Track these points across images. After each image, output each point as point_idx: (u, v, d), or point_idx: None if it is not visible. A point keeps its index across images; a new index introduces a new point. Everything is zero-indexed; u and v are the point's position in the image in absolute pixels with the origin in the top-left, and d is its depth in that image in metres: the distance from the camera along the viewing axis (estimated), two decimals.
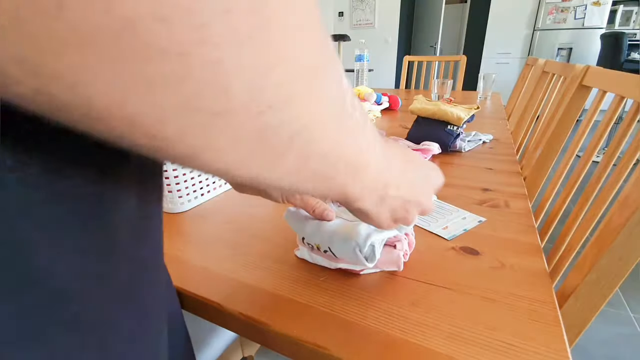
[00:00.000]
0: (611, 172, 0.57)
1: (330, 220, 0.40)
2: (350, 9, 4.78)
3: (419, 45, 5.37)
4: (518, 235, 0.49)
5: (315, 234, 0.39)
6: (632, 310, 1.27)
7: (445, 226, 0.51)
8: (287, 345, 0.33)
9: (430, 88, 2.04)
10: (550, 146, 0.87)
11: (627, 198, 0.44)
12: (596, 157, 2.48)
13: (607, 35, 3.12)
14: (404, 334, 0.32)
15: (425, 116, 0.92)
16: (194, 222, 0.55)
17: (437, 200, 0.59)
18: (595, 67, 0.78)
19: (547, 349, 0.30)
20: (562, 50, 4.28)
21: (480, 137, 0.99)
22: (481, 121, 1.24)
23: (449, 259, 0.43)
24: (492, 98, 1.78)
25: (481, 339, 0.31)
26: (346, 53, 4.34)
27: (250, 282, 0.40)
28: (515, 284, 0.38)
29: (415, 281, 0.39)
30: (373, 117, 1.32)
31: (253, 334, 0.35)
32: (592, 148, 0.67)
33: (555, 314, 0.34)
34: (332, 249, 0.38)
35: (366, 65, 1.96)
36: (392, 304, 0.36)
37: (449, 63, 4.95)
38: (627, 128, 0.58)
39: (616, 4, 4.14)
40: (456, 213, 0.54)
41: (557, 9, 4.17)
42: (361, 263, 0.36)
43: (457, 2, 5.65)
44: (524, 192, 0.63)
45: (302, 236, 0.41)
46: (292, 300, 0.37)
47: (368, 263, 0.36)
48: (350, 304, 0.36)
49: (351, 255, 0.36)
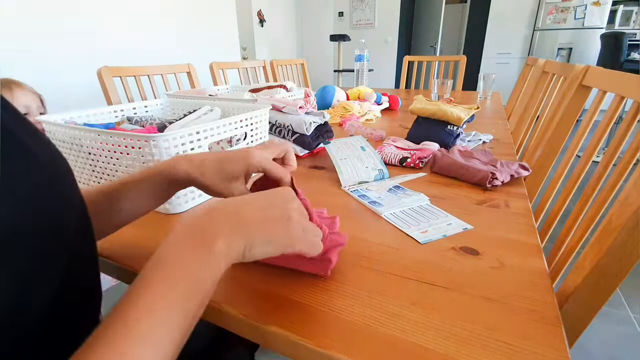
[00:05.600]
0: (611, 172, 0.57)
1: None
2: (350, 9, 4.78)
3: (419, 45, 5.37)
4: (518, 235, 0.49)
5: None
6: (632, 310, 1.27)
7: (426, 230, 0.50)
8: (287, 345, 0.33)
9: (430, 88, 2.04)
10: (550, 146, 0.87)
11: (627, 198, 0.44)
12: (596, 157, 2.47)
13: (607, 35, 3.12)
14: (404, 334, 0.32)
15: (425, 116, 0.92)
16: None
17: (430, 204, 0.59)
18: (595, 67, 0.78)
19: (547, 349, 0.30)
20: (562, 50, 4.28)
21: (480, 137, 0.99)
22: (481, 121, 1.24)
23: (449, 259, 0.43)
24: (492, 98, 1.78)
25: (481, 339, 0.31)
26: (346, 53, 4.34)
27: (250, 282, 0.40)
28: (515, 284, 0.38)
29: (415, 281, 0.39)
30: (373, 117, 1.32)
31: (253, 334, 0.35)
32: (592, 148, 0.67)
33: (555, 314, 0.34)
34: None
35: (366, 65, 1.96)
36: (392, 304, 0.36)
37: (449, 63, 4.95)
38: (627, 128, 0.58)
39: (616, 4, 4.13)
40: (443, 218, 0.54)
41: (557, 9, 4.17)
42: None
43: (457, 2, 5.65)
44: (524, 192, 0.63)
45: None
46: (292, 300, 0.37)
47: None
48: (350, 303, 0.36)
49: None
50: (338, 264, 0.42)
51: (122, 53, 2.05)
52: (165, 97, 0.98)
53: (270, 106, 0.78)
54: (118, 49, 2.03)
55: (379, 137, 1.01)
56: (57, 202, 0.25)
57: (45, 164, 0.25)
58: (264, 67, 2.03)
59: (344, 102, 1.34)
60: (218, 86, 1.32)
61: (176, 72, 1.49)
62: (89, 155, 0.58)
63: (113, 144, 0.54)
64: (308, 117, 0.85)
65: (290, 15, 4.84)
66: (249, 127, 0.69)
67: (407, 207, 0.57)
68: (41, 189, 0.24)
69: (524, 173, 0.68)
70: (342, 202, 0.61)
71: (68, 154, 0.62)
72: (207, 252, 0.27)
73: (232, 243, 0.28)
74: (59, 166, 0.27)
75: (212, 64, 1.68)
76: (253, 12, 3.99)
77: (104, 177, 0.60)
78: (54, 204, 0.25)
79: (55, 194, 0.25)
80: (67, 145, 0.60)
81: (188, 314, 0.25)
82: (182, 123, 0.71)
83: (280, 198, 0.34)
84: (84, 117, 0.70)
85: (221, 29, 2.86)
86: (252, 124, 0.69)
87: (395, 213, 0.56)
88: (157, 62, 1.53)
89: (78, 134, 0.57)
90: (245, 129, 0.68)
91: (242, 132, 0.67)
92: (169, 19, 2.34)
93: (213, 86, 1.33)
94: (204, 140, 0.58)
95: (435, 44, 4.81)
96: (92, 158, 0.59)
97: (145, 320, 0.22)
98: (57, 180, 0.26)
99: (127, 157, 0.54)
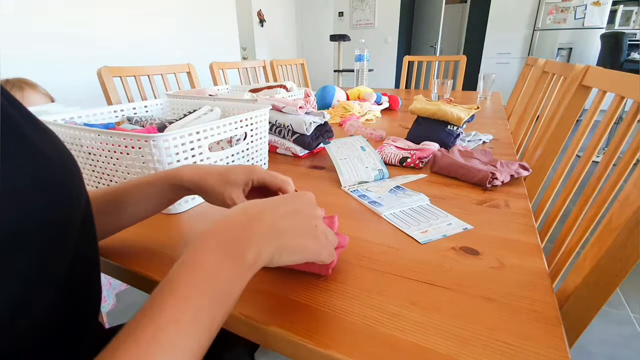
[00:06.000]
0: (611, 172, 0.57)
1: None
2: (350, 9, 4.78)
3: (419, 45, 5.37)
4: (518, 235, 0.49)
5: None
6: (632, 310, 1.27)
7: (426, 230, 0.50)
8: (287, 345, 0.33)
9: (430, 88, 2.04)
10: (550, 146, 0.87)
11: (627, 198, 0.44)
12: (596, 157, 2.47)
13: (607, 35, 3.12)
14: (404, 334, 0.32)
15: (425, 116, 0.92)
16: (192, 223, 0.55)
17: (430, 204, 0.59)
18: (595, 67, 0.78)
19: (547, 349, 0.30)
20: (562, 50, 4.28)
21: (480, 137, 0.99)
22: (481, 121, 1.24)
23: (449, 259, 0.43)
24: (492, 98, 1.78)
25: (481, 339, 0.31)
26: (346, 53, 4.33)
27: (250, 282, 0.40)
28: (515, 284, 0.38)
29: (415, 281, 0.39)
30: (373, 116, 1.32)
31: (253, 334, 0.35)
32: (592, 148, 0.67)
33: (555, 314, 0.34)
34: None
35: (366, 65, 1.96)
36: (392, 304, 0.36)
37: (449, 63, 4.96)
38: (627, 128, 0.58)
39: (616, 4, 4.13)
40: (443, 218, 0.54)
41: (557, 9, 4.17)
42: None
43: (457, 2, 5.65)
44: (524, 192, 0.63)
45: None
46: (292, 300, 0.37)
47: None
48: (350, 303, 0.36)
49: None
50: (338, 264, 0.42)
51: (122, 53, 2.05)
52: (165, 97, 0.98)
53: (270, 106, 0.78)
54: (118, 49, 2.03)
55: (379, 137, 1.00)
56: (64, 201, 0.25)
57: (54, 163, 0.25)
58: (264, 67, 2.03)
59: (344, 102, 1.34)
60: (218, 86, 1.32)
61: (176, 72, 1.49)
62: (89, 155, 0.58)
63: (113, 144, 0.54)
64: (308, 117, 0.84)
65: (290, 16, 4.84)
66: (249, 127, 0.69)
67: (407, 207, 0.57)
68: (49, 189, 0.24)
69: (524, 173, 0.68)
70: (342, 202, 0.61)
71: None
72: (239, 263, 0.27)
73: (263, 252, 0.28)
74: (67, 166, 0.27)
75: (212, 64, 1.68)
76: (253, 12, 3.99)
77: (104, 177, 0.60)
78: (61, 203, 0.25)
79: (62, 194, 0.25)
80: (67, 145, 0.60)
81: (214, 323, 0.24)
82: (182, 123, 0.71)
83: (306, 204, 0.33)
84: (84, 117, 0.70)
85: (221, 29, 2.86)
86: (252, 124, 0.69)
87: (395, 213, 0.56)
88: (157, 62, 1.53)
89: (78, 134, 0.57)
90: (245, 129, 0.68)
91: (242, 132, 0.67)
92: (169, 19, 2.34)
93: (213, 86, 1.33)
94: (204, 140, 0.58)
95: (435, 44, 4.81)
96: (92, 158, 0.59)
97: (173, 329, 0.22)
98: (65, 180, 0.26)
99: (127, 157, 0.54)
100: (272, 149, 0.89)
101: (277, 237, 0.29)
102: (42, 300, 0.23)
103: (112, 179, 0.59)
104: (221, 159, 0.64)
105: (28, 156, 0.23)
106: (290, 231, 0.30)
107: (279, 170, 0.79)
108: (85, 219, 0.30)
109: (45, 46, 1.67)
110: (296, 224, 0.31)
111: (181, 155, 0.54)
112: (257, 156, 0.74)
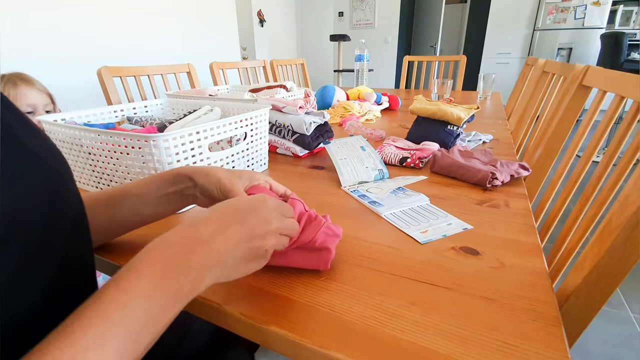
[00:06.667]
0: (611, 172, 0.57)
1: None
2: (350, 9, 4.78)
3: (419, 45, 5.37)
4: (518, 235, 0.49)
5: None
6: (632, 310, 1.27)
7: (426, 230, 0.50)
8: (287, 345, 0.33)
9: (430, 88, 2.03)
10: (550, 146, 0.86)
11: (627, 198, 0.44)
12: (596, 157, 2.47)
13: (607, 35, 3.12)
14: (404, 334, 0.32)
15: (425, 116, 0.92)
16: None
17: (430, 204, 0.59)
18: (595, 67, 0.78)
19: (547, 349, 0.30)
20: (562, 50, 4.27)
21: (480, 137, 0.99)
22: (481, 121, 1.24)
23: (449, 259, 0.43)
24: (492, 98, 1.78)
25: (481, 338, 0.31)
26: (346, 53, 4.33)
27: (250, 282, 0.40)
28: (515, 284, 0.38)
29: (415, 281, 0.39)
30: (373, 117, 1.32)
31: (253, 334, 0.35)
32: (592, 148, 0.67)
33: (555, 314, 0.34)
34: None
35: (366, 65, 1.96)
36: (392, 304, 0.36)
37: (449, 63, 4.95)
38: (627, 128, 0.58)
39: (616, 4, 4.13)
40: (443, 218, 0.54)
41: (557, 9, 4.17)
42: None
43: (457, 2, 5.65)
44: (524, 192, 0.63)
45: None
46: (292, 300, 0.37)
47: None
48: (350, 303, 0.36)
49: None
50: (339, 264, 0.42)
51: (122, 53, 2.04)
52: (165, 97, 0.98)
53: (270, 106, 0.78)
54: (118, 49, 2.03)
55: (379, 137, 1.00)
56: (55, 201, 0.25)
57: (45, 163, 0.25)
58: (264, 67, 2.03)
59: (344, 102, 1.34)
60: (218, 86, 1.32)
61: (176, 72, 1.49)
62: (89, 155, 0.58)
63: (113, 144, 0.54)
64: (308, 117, 0.84)
65: (290, 15, 4.84)
66: (249, 127, 0.69)
67: (407, 207, 0.57)
68: (39, 188, 0.24)
69: (524, 173, 0.68)
70: (342, 202, 0.61)
71: (68, 154, 0.62)
72: (176, 291, 0.26)
73: (205, 279, 0.28)
74: (58, 166, 0.27)
75: (212, 64, 1.68)
76: (253, 12, 3.99)
77: (104, 177, 0.60)
78: (51, 203, 0.25)
79: (52, 194, 0.25)
80: (67, 145, 0.60)
81: (139, 349, 0.23)
82: (182, 123, 0.71)
83: (263, 220, 0.33)
84: (84, 117, 0.70)
85: (221, 29, 2.85)
86: (252, 124, 0.69)
87: (395, 213, 0.56)
88: (157, 62, 1.53)
89: (78, 134, 0.57)
90: (245, 129, 0.68)
91: (242, 132, 0.67)
92: (169, 19, 2.34)
93: (213, 86, 1.33)
94: (204, 140, 0.58)
95: (435, 44, 4.81)
96: (92, 158, 0.59)
97: (93, 355, 0.21)
98: (56, 180, 0.26)
99: (127, 157, 0.54)
100: (272, 149, 0.89)
101: (223, 265, 0.29)
102: (28, 299, 0.23)
103: (112, 179, 0.59)
104: (221, 159, 0.64)
105: (18, 155, 0.23)
106: (239, 258, 0.30)
107: (278, 170, 0.79)
108: (77, 218, 0.30)
109: (45, 46, 1.67)
110: (246, 252, 0.31)
111: (181, 155, 0.54)
112: (257, 156, 0.74)
